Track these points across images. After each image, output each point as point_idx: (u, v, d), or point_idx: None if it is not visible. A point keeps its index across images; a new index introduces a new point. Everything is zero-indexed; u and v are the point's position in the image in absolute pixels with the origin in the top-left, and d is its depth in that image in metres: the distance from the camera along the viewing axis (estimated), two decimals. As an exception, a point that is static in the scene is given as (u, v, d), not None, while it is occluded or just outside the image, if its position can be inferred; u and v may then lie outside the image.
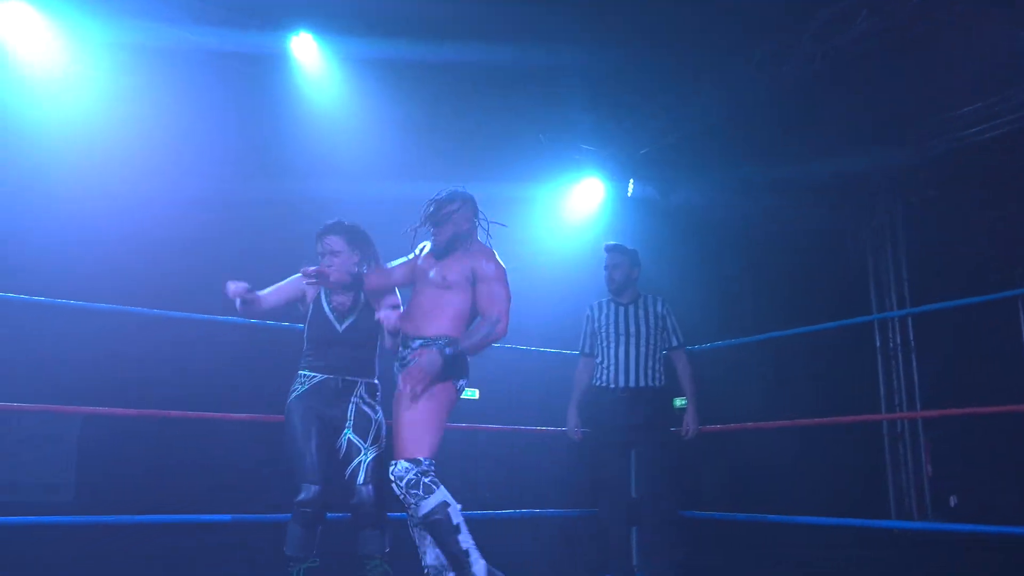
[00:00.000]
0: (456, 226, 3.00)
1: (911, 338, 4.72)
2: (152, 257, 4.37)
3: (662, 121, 5.20)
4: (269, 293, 3.02)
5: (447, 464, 3.28)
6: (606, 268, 4.16)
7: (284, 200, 4.58)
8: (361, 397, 2.96)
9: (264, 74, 4.60)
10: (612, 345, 4.09)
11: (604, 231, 5.42)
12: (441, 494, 2.69)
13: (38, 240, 4.12)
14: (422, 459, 2.68)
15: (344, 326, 3.00)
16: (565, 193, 5.56)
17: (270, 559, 2.96)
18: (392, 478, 2.70)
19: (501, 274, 2.95)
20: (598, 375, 4.11)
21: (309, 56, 4.56)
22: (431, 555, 2.78)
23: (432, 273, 2.91)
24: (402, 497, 2.68)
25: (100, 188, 4.20)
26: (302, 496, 2.79)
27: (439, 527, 2.67)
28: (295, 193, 4.60)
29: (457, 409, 5.21)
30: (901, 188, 5.05)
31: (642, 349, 4.06)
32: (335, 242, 3.02)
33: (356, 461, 2.86)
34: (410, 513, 2.72)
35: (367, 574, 2.81)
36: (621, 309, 4.14)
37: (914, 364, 4.68)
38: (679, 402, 4.67)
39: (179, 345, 4.45)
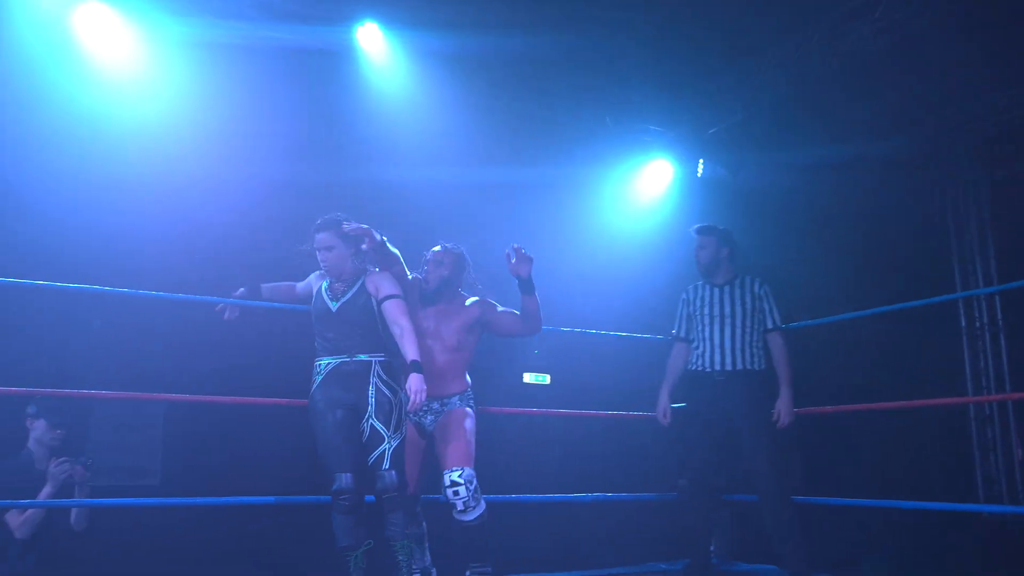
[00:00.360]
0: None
1: (999, 317, 4.50)
2: (232, 247, 4.47)
3: (730, 99, 5.07)
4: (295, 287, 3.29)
5: (519, 450, 3.28)
6: (696, 250, 4.08)
7: (354, 187, 4.63)
8: (379, 376, 3.00)
9: (331, 65, 4.65)
10: (707, 327, 3.99)
11: (673, 213, 5.34)
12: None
13: (124, 234, 4.25)
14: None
15: (337, 306, 3.07)
16: (633, 176, 5.48)
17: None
18: (460, 480, 3.03)
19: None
20: (694, 359, 4.02)
21: (375, 46, 4.58)
22: (427, 557, 3.21)
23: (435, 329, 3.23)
24: (464, 498, 3.02)
25: (178, 182, 4.31)
26: (337, 485, 2.87)
27: (484, 530, 3.06)
28: (364, 181, 4.64)
29: (529, 395, 5.23)
30: (985, 161, 4.81)
31: (738, 331, 3.92)
32: (326, 239, 3.09)
33: (380, 449, 2.94)
34: (456, 513, 3.03)
35: (397, 554, 2.90)
36: (716, 291, 4.03)
37: (1003, 344, 4.47)
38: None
39: (262, 334, 4.54)
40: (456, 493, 3.03)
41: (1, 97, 3.89)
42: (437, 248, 3.38)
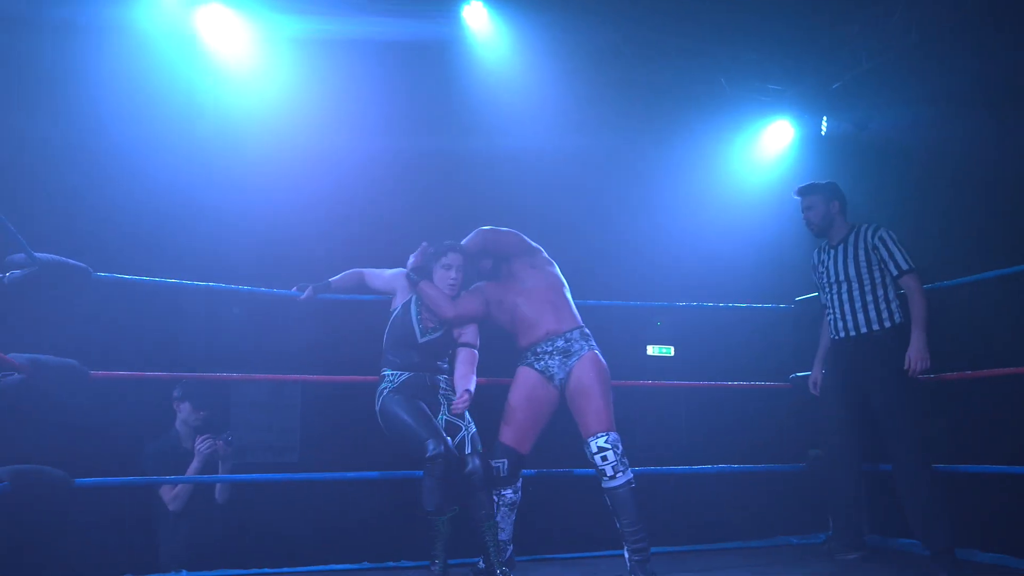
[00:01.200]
0: None
1: None
2: (355, 233, 4.58)
3: (855, 49, 4.77)
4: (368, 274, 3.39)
5: (643, 423, 3.23)
6: (802, 213, 3.90)
7: (464, 160, 4.65)
8: (446, 391, 3.22)
9: (441, 48, 4.68)
10: (832, 292, 3.83)
11: (796, 175, 5.09)
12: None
13: (252, 227, 4.43)
14: None
15: (424, 340, 3.19)
16: (753, 139, 5.26)
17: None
18: (608, 446, 3.04)
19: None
20: (828, 327, 3.89)
21: (481, 24, 4.58)
22: (508, 531, 3.21)
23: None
24: (613, 462, 3.01)
25: (298, 175, 4.45)
26: (431, 451, 2.93)
27: (632, 496, 3.02)
28: (476, 153, 4.65)
29: (653, 367, 5.12)
30: None
31: (856, 291, 3.70)
32: (456, 259, 3.21)
33: (460, 435, 3.10)
34: (605, 480, 3.03)
35: (484, 533, 2.97)
36: (832, 252, 3.85)
37: None
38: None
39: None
40: (604, 459, 3.04)
41: (131, 95, 4.11)
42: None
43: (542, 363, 3.25)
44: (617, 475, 3.01)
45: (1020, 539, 3.73)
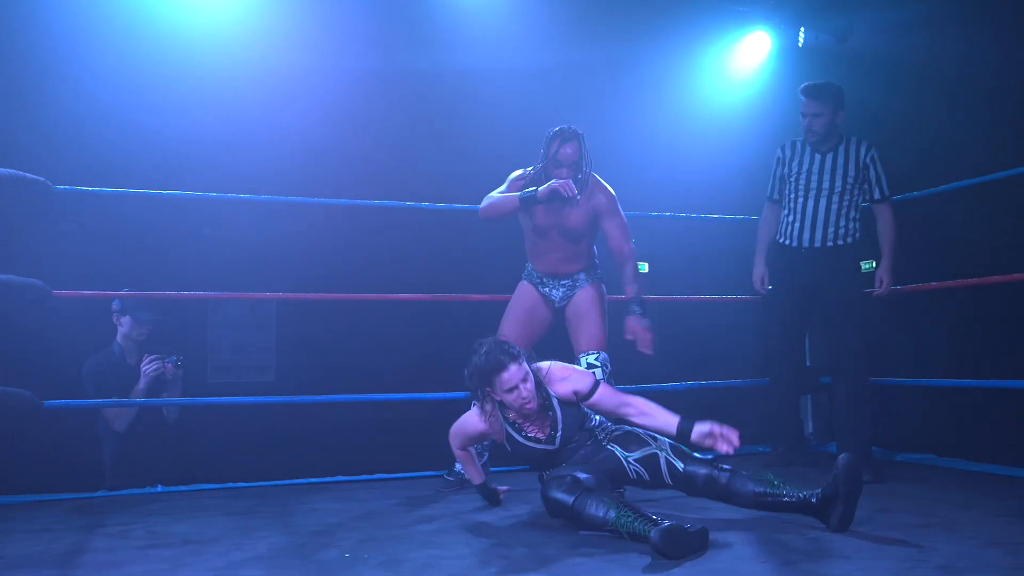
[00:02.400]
0: (587, 165, 3.24)
1: None
2: (320, 146, 4.47)
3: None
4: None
5: (616, 341, 3.22)
6: (804, 116, 3.66)
7: (431, 78, 4.52)
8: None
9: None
10: (802, 198, 3.70)
11: (773, 86, 4.99)
12: None
13: (211, 139, 4.29)
14: None
15: None
16: (729, 50, 5.12)
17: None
18: (597, 363, 3.19)
19: (616, 204, 3.29)
20: (782, 229, 3.78)
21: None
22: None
23: (555, 218, 3.24)
24: (602, 379, 2.95)
25: (255, 86, 4.30)
26: None
27: None
28: (440, 70, 4.52)
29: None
30: None
31: (834, 205, 3.62)
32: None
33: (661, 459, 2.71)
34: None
35: None
36: (818, 157, 3.69)
37: None
38: (867, 265, 4.30)
39: (362, 231, 4.58)
40: (603, 371, 3.18)
41: (88, 19, 3.92)
42: (568, 150, 3.17)
43: (547, 288, 3.36)
44: None
45: (947, 442, 3.91)
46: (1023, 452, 3.63)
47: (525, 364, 2.69)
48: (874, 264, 3.96)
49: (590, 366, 3.16)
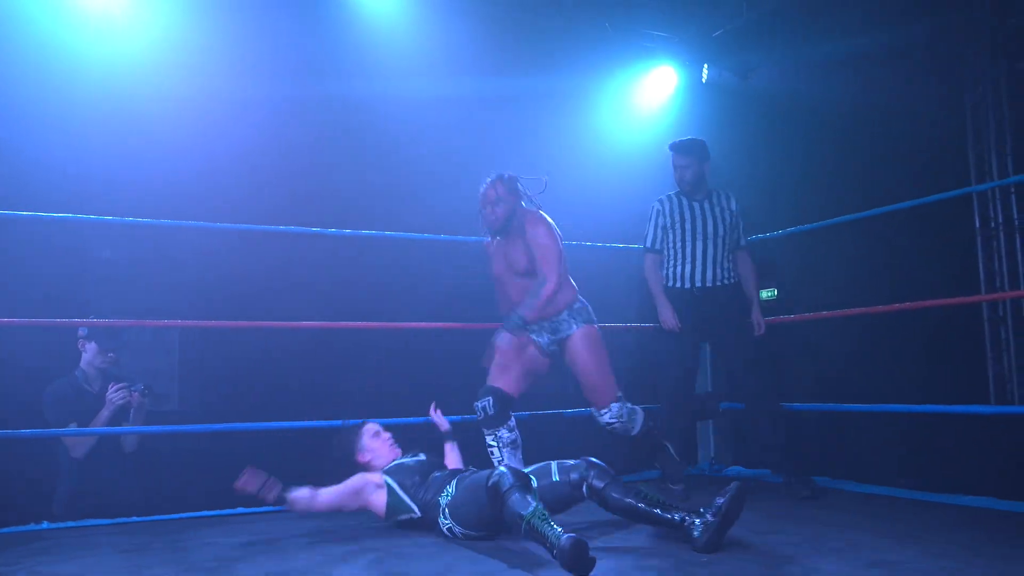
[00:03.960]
0: (506, 204, 3.39)
1: (1015, 215, 4.31)
2: (235, 173, 4.40)
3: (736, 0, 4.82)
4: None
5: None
6: (675, 168, 4.00)
7: (343, 104, 4.51)
8: None
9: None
10: (687, 243, 3.96)
11: (678, 121, 5.16)
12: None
13: (124, 167, 4.20)
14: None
15: None
16: (635, 83, 5.28)
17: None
18: (613, 420, 3.49)
19: (548, 232, 3.37)
20: (668, 274, 3.99)
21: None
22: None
23: (503, 262, 3.40)
24: (621, 429, 3.54)
25: (169, 113, 4.23)
26: None
27: (652, 435, 3.76)
28: (351, 97, 4.52)
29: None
30: (1007, 55, 4.54)
31: (718, 248, 3.96)
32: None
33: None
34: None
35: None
36: (696, 205, 4.00)
37: (1017, 243, 4.29)
38: (766, 294, 4.52)
39: (267, 258, 4.51)
40: (614, 431, 3.49)
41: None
42: (485, 186, 3.43)
43: (532, 333, 3.42)
44: (631, 431, 3.53)
45: (850, 466, 4.08)
46: (912, 475, 3.83)
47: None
48: (775, 291, 4.21)
49: (607, 424, 3.48)
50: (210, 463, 4.15)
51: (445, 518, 2.93)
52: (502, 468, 2.64)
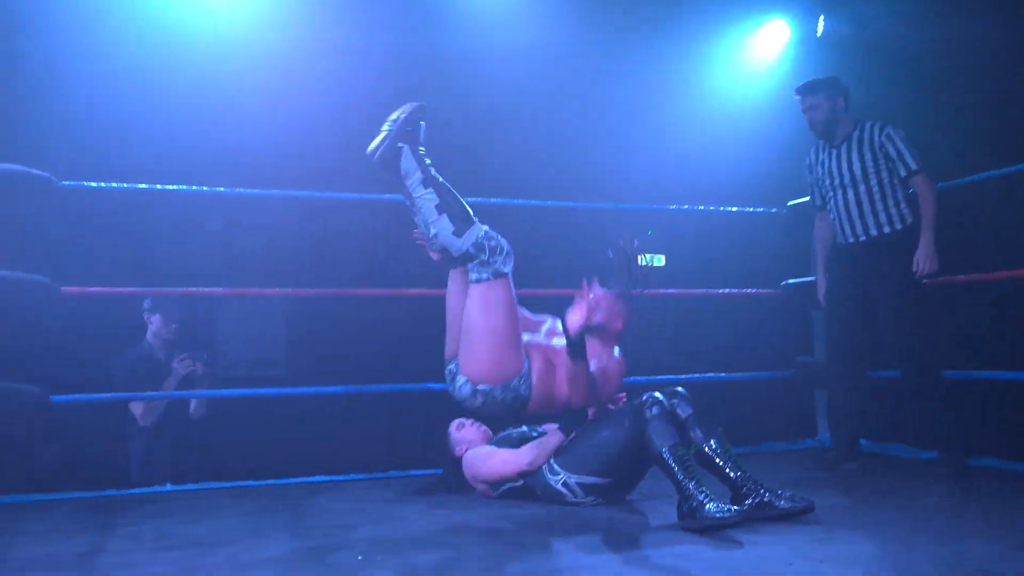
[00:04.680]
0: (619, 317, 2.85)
1: None
2: (330, 140, 4.40)
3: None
4: None
5: (633, 334, 3.16)
6: (804, 113, 3.70)
7: (444, 63, 4.43)
8: None
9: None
10: (832, 195, 3.67)
11: (790, 77, 4.89)
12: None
13: (217, 135, 4.23)
14: None
15: None
16: (747, 39, 5.03)
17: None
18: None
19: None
20: (836, 231, 3.74)
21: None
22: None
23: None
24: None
25: (264, 79, 4.23)
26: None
27: None
28: (451, 54, 4.43)
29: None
30: None
31: (863, 193, 3.54)
32: None
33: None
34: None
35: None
36: (834, 152, 3.66)
37: None
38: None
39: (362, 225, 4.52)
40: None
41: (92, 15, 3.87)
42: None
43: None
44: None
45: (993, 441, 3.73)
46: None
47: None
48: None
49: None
50: (323, 428, 4.23)
51: (555, 473, 2.89)
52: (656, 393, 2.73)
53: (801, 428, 4.60)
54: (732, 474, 2.69)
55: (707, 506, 2.46)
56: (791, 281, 4.29)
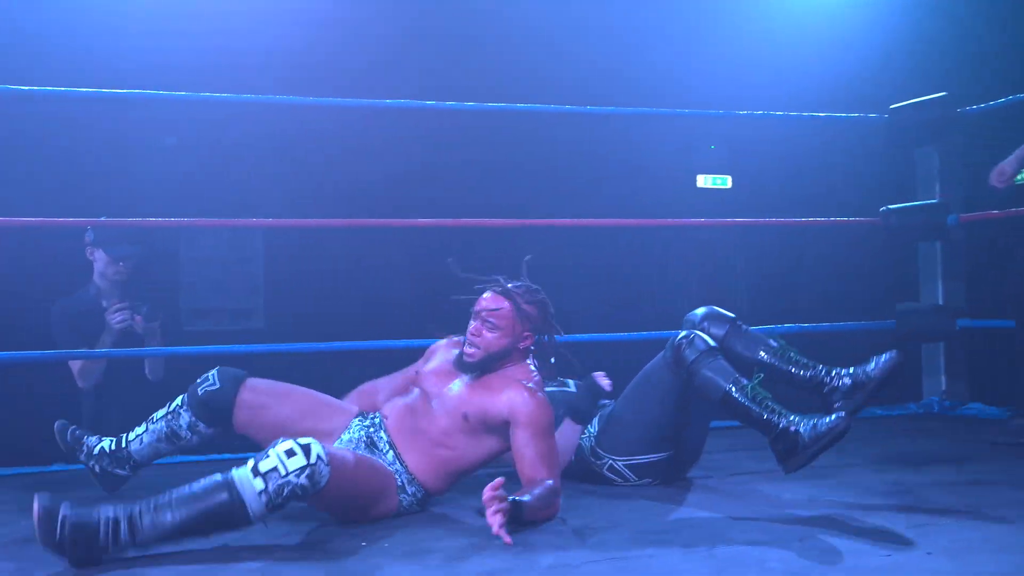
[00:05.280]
0: (511, 338, 2.58)
1: None
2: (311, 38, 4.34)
3: None
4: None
5: (694, 270, 3.10)
6: None
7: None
8: None
9: None
10: None
11: None
12: None
13: (179, 27, 4.18)
14: None
15: None
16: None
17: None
18: None
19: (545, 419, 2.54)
20: None
21: None
22: None
23: (449, 399, 2.59)
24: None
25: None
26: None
27: None
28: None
29: (705, 203, 5.02)
30: None
31: None
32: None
33: None
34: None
35: None
36: None
37: None
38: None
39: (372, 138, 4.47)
40: None
41: None
42: (489, 296, 2.62)
43: None
44: None
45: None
46: None
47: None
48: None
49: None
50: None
51: (599, 457, 2.88)
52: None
53: (902, 390, 4.55)
54: (804, 374, 2.72)
55: (802, 433, 2.43)
56: (893, 207, 4.19)
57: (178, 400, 2.77)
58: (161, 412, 2.79)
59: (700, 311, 2.88)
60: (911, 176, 4.54)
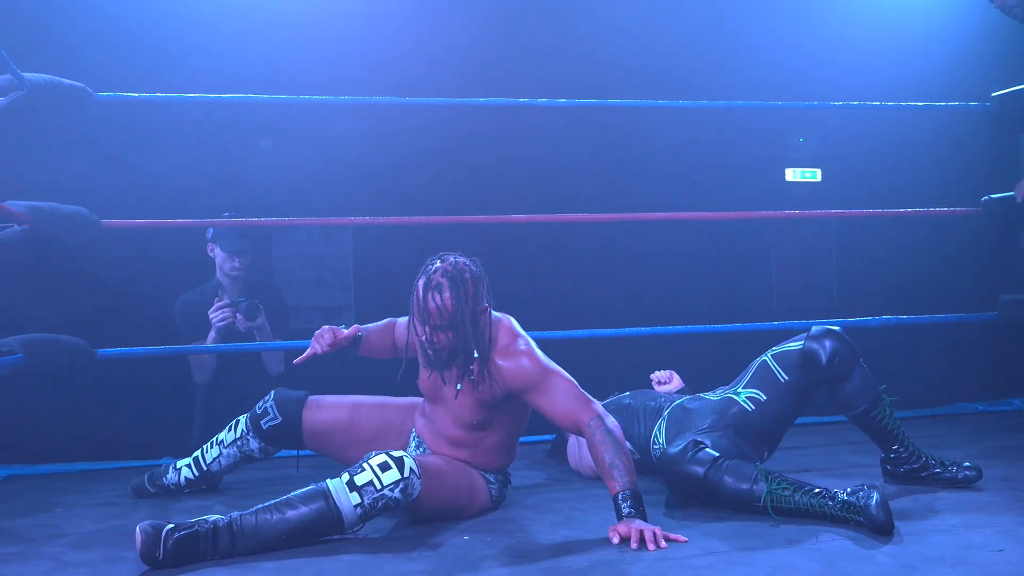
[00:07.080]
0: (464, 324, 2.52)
1: None
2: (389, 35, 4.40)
3: None
4: None
5: (786, 263, 3.09)
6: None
7: None
8: None
9: None
10: None
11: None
12: None
13: (273, 36, 4.28)
14: None
15: None
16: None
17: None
18: None
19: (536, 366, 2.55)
20: None
21: None
22: None
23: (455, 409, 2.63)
24: None
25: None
26: None
27: None
28: None
29: (794, 196, 4.96)
30: None
31: None
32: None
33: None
34: None
35: None
36: None
37: None
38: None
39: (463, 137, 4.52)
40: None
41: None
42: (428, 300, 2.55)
43: None
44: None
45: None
46: None
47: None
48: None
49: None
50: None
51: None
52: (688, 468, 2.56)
53: (1004, 385, 4.46)
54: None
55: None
56: (995, 196, 4.10)
57: (242, 425, 2.88)
58: (228, 436, 2.91)
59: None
60: (1014, 164, 4.44)
